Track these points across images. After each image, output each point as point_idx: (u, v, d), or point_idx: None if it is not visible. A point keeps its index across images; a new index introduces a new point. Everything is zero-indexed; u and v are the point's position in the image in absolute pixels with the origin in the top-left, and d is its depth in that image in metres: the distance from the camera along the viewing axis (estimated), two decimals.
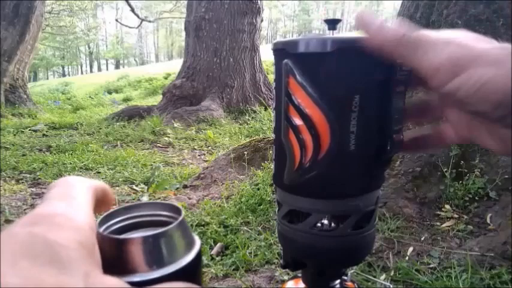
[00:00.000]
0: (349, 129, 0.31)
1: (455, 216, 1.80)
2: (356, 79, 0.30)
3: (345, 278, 0.41)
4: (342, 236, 0.35)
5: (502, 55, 0.25)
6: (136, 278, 0.28)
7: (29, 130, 4.90)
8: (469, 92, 0.26)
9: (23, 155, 3.60)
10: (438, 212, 1.85)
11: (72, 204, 0.22)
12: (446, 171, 1.90)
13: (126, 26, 26.74)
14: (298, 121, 0.32)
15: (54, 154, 3.69)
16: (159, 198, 2.45)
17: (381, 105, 0.32)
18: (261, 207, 2.08)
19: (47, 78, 35.75)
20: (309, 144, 0.32)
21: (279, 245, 1.89)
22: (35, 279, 0.16)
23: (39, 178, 2.95)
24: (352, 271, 1.46)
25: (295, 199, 0.35)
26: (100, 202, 0.26)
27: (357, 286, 0.42)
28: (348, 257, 0.37)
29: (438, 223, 1.78)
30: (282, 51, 0.32)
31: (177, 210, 0.35)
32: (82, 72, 42.61)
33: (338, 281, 0.40)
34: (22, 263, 0.17)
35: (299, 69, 0.31)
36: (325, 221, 0.35)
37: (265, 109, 5.49)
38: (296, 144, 0.32)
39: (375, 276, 1.44)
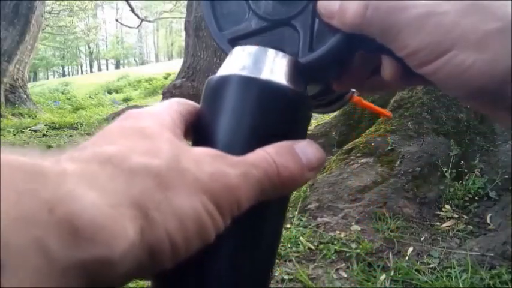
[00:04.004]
0: None
1: (455, 216, 1.80)
2: None
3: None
4: None
5: (489, 35, 0.21)
6: None
7: (29, 130, 4.90)
8: (449, 77, 0.23)
9: None
10: (438, 212, 1.85)
11: (156, 107, 0.24)
12: (446, 171, 1.90)
13: (126, 26, 26.74)
14: None
15: None
16: None
17: None
18: None
19: (47, 78, 35.75)
20: None
21: (279, 245, 1.88)
22: (129, 147, 0.19)
23: None
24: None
25: None
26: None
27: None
28: None
29: (438, 223, 1.78)
30: None
31: None
32: (82, 72, 42.62)
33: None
34: (118, 140, 0.20)
35: None
36: None
37: None
38: None
39: (374, 277, 1.44)
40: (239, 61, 0.24)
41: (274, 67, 0.24)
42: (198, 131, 0.24)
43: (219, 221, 0.19)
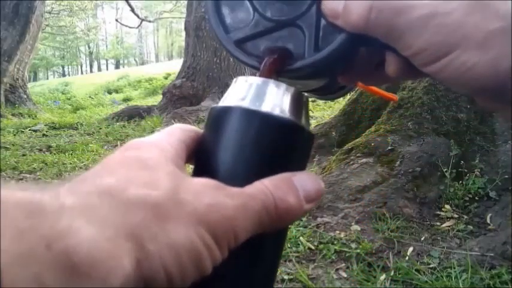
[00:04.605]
0: None
1: (455, 216, 1.80)
2: None
3: None
4: None
5: (491, 35, 0.21)
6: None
7: (29, 130, 4.89)
8: (452, 76, 0.23)
9: (23, 155, 3.60)
10: (438, 212, 1.85)
11: (159, 135, 0.24)
12: (446, 171, 1.90)
13: (126, 26, 26.74)
14: None
15: (54, 154, 3.69)
16: None
17: None
18: None
19: (47, 78, 35.75)
20: None
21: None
22: (128, 178, 0.19)
23: (39, 178, 2.95)
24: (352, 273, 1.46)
25: None
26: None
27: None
28: None
29: (438, 223, 1.78)
30: None
31: None
32: (82, 72, 42.62)
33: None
34: (118, 170, 0.20)
35: None
36: None
37: None
38: None
39: (374, 277, 1.44)
40: (241, 92, 0.25)
41: (275, 99, 0.24)
42: (199, 159, 0.25)
43: (216, 252, 0.19)
